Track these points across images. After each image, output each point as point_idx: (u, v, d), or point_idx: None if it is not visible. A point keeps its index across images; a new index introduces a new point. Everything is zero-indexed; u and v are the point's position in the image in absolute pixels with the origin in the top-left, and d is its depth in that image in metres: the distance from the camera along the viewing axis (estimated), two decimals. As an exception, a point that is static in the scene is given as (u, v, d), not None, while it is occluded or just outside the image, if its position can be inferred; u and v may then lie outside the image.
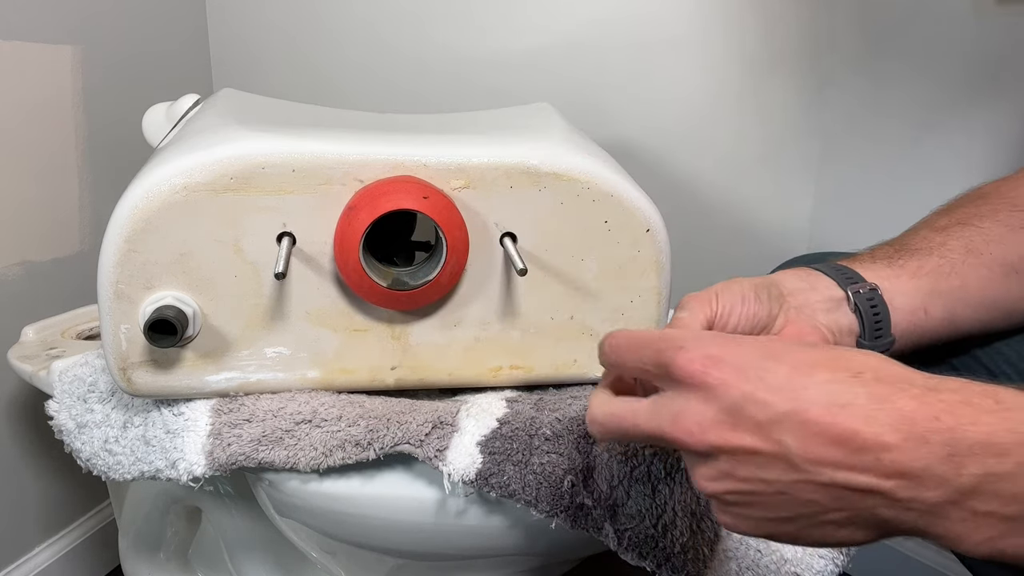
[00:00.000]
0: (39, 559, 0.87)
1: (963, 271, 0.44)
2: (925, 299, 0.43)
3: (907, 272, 0.44)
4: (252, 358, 0.52)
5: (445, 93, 1.04)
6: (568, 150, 0.52)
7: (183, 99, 0.69)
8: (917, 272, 0.44)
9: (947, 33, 0.79)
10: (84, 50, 0.88)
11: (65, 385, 0.57)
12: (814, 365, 0.28)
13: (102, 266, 0.49)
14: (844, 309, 0.42)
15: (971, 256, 0.44)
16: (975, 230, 0.45)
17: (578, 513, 0.48)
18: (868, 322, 0.42)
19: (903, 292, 0.43)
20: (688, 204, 0.99)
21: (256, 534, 0.70)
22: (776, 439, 0.28)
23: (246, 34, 1.10)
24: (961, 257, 0.44)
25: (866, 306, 0.42)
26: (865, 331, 0.42)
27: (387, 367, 0.54)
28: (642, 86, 0.96)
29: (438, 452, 0.49)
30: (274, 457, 0.51)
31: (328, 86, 1.09)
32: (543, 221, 0.52)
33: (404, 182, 0.49)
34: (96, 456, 0.54)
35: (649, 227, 0.52)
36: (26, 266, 0.83)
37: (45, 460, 0.87)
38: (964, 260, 0.44)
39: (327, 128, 0.57)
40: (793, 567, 0.48)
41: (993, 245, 0.44)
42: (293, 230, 0.50)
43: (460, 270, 0.51)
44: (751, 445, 0.28)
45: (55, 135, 0.85)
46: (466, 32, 1.01)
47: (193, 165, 0.48)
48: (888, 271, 0.44)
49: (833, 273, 0.44)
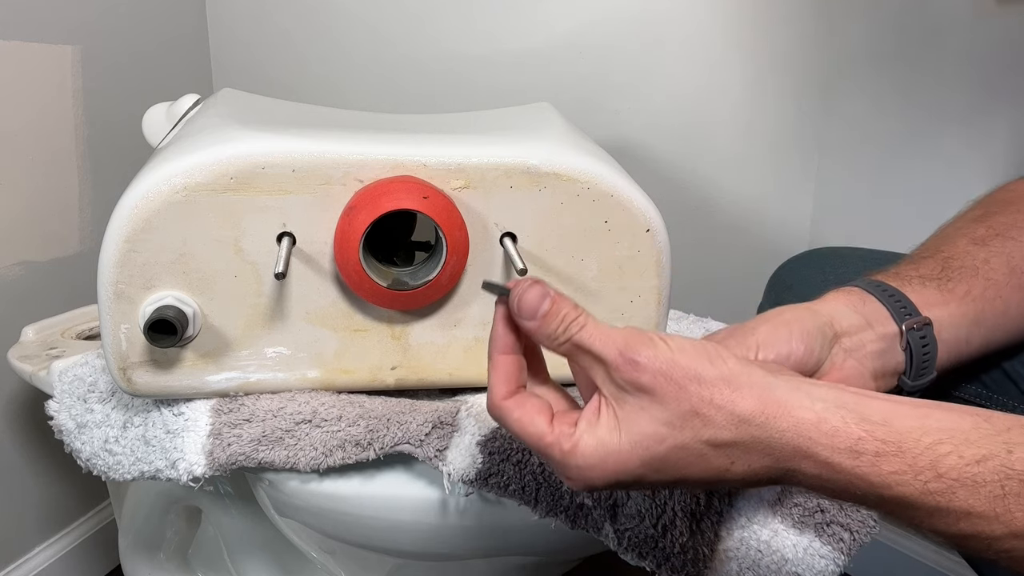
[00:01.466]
0: (39, 559, 0.87)
1: (1007, 294, 0.42)
2: (969, 329, 0.42)
3: (955, 298, 0.42)
4: (252, 358, 0.52)
5: (445, 93, 1.04)
6: (568, 150, 0.52)
7: (183, 99, 0.69)
8: (965, 298, 0.42)
9: (947, 33, 0.79)
10: (84, 50, 0.88)
11: (65, 385, 0.57)
12: (691, 465, 0.31)
13: (102, 266, 0.49)
14: (895, 348, 0.40)
15: (1014, 276, 0.43)
16: (1016, 245, 0.43)
17: (578, 513, 0.48)
18: (917, 363, 0.41)
19: (951, 324, 0.41)
20: (688, 204, 0.99)
21: (256, 534, 0.70)
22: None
23: (246, 34, 1.10)
24: (1005, 278, 0.43)
25: (918, 345, 0.40)
26: (911, 370, 0.41)
27: (387, 367, 0.54)
28: (642, 86, 0.96)
29: (438, 452, 0.49)
30: (274, 457, 0.51)
31: (328, 86, 1.09)
32: (543, 221, 0.52)
33: (404, 182, 0.49)
34: (96, 456, 0.54)
35: (649, 227, 0.52)
36: (26, 266, 0.83)
37: (45, 460, 0.87)
38: (1007, 280, 0.42)
39: (327, 128, 0.57)
40: (794, 567, 0.48)
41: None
42: (293, 230, 0.50)
43: (460, 270, 0.51)
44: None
45: (55, 135, 0.85)
46: (466, 32, 1.01)
47: (193, 165, 0.48)
48: (938, 296, 0.42)
49: (888, 302, 0.41)
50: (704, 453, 0.31)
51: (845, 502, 0.31)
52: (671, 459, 0.31)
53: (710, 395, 0.31)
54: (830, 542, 0.48)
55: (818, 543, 0.48)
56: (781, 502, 0.49)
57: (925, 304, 0.42)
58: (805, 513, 0.48)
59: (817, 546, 0.48)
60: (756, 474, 0.31)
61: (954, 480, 0.28)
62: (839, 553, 0.48)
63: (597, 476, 0.32)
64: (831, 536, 0.48)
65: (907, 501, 0.29)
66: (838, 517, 0.48)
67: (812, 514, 0.48)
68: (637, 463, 0.31)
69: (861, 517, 0.48)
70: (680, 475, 0.31)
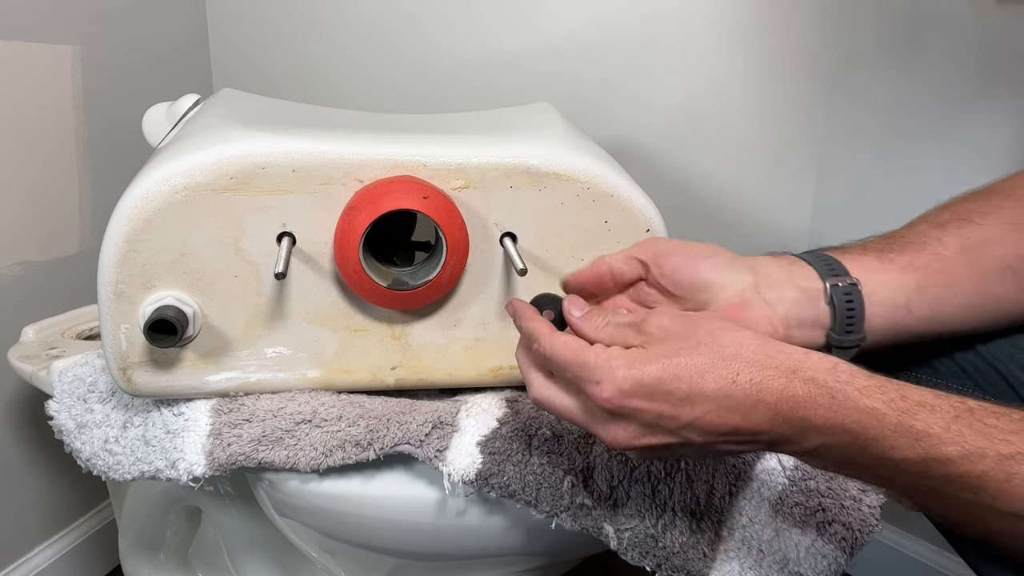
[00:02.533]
0: (39, 559, 0.87)
1: (955, 269, 0.43)
2: (910, 296, 0.43)
3: (896, 267, 0.44)
4: (252, 358, 0.52)
5: (445, 93, 1.04)
6: (568, 150, 0.52)
7: (183, 99, 0.69)
8: (907, 267, 0.43)
9: (947, 33, 0.79)
10: (84, 50, 0.88)
11: (65, 385, 0.57)
12: (704, 375, 0.36)
13: (102, 266, 0.49)
14: (817, 302, 0.43)
15: (966, 254, 0.44)
16: (974, 227, 0.44)
17: (578, 513, 0.48)
18: (840, 317, 0.42)
19: (887, 287, 0.43)
20: (688, 204, 0.99)
21: (256, 534, 0.70)
22: (684, 436, 0.37)
23: (246, 34, 1.10)
24: (955, 254, 0.44)
25: (841, 300, 0.42)
26: (836, 325, 0.42)
27: (387, 367, 0.54)
28: (642, 86, 0.96)
29: (438, 452, 0.49)
30: (274, 457, 0.51)
31: (328, 86, 1.09)
32: (543, 221, 0.52)
33: (404, 182, 0.49)
34: (96, 456, 0.54)
35: (649, 227, 0.52)
36: (26, 266, 0.83)
37: (45, 460, 0.87)
38: (958, 258, 0.43)
39: (327, 128, 0.57)
40: (796, 566, 0.48)
41: (991, 243, 0.44)
42: (293, 230, 0.50)
43: (460, 270, 0.51)
44: (665, 442, 0.38)
45: (55, 135, 0.85)
46: (466, 32, 1.01)
47: (193, 165, 0.48)
48: (876, 264, 0.44)
49: (816, 264, 0.44)
50: (714, 362, 0.36)
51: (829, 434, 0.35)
52: (685, 366, 0.36)
53: (719, 326, 0.38)
54: (832, 540, 0.48)
55: (820, 542, 0.48)
56: (782, 501, 0.49)
57: (860, 270, 0.44)
58: (806, 512, 0.48)
59: (820, 545, 0.48)
60: (759, 388, 0.35)
61: (916, 402, 0.34)
62: (841, 552, 0.48)
63: (622, 377, 0.37)
64: (833, 535, 0.48)
65: (878, 412, 0.34)
66: (839, 516, 0.48)
67: (813, 513, 0.48)
68: (657, 368, 0.36)
69: (863, 516, 0.48)
70: (691, 387, 0.36)
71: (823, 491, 0.49)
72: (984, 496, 0.32)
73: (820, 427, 0.35)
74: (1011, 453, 0.32)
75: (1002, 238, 0.44)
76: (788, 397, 0.35)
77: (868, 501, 0.48)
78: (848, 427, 0.34)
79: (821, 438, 0.35)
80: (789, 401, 0.35)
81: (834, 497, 0.48)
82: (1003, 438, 0.33)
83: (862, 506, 0.48)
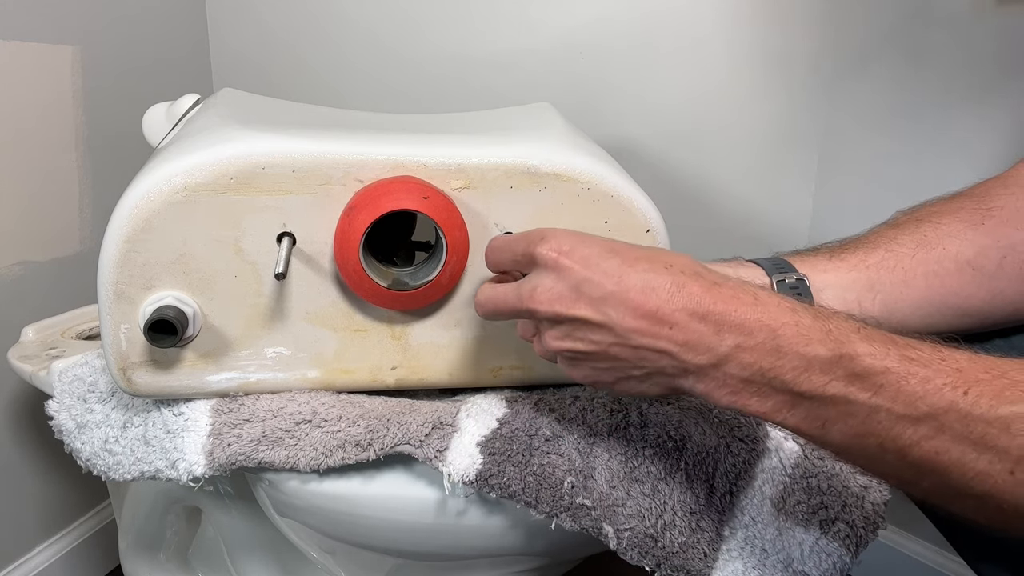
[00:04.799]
0: (39, 559, 0.87)
1: (909, 265, 0.43)
2: (861, 293, 0.43)
3: (847, 265, 0.44)
4: (252, 358, 0.52)
5: (445, 93, 1.04)
6: (568, 150, 0.52)
7: (183, 99, 0.69)
8: (858, 265, 0.44)
9: (947, 33, 0.79)
10: (84, 50, 0.88)
11: (65, 385, 0.57)
12: (638, 259, 0.37)
13: (102, 266, 0.49)
14: None
15: (921, 250, 0.43)
16: (931, 226, 0.44)
17: (578, 513, 0.48)
18: None
19: (837, 285, 0.43)
20: (688, 204, 0.99)
21: (256, 534, 0.70)
22: (603, 311, 0.37)
23: (246, 35, 1.10)
24: (910, 251, 0.44)
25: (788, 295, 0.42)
26: None
27: (387, 367, 0.54)
28: (642, 86, 0.96)
29: (438, 452, 0.49)
30: (274, 457, 0.51)
31: (328, 87, 1.09)
32: (543, 221, 0.51)
33: (404, 182, 0.49)
34: (96, 456, 0.54)
35: (649, 227, 0.52)
36: (26, 266, 0.83)
37: (45, 460, 0.87)
38: (913, 254, 0.43)
39: (327, 128, 0.57)
40: (800, 565, 0.48)
41: (948, 240, 0.43)
42: (293, 230, 0.50)
43: (460, 270, 0.51)
44: (585, 315, 0.38)
45: (55, 135, 0.85)
46: (466, 32, 1.01)
47: (193, 165, 0.48)
48: (826, 263, 0.44)
49: (765, 264, 0.45)
50: (649, 255, 0.38)
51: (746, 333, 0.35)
52: (623, 250, 0.38)
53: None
54: (836, 538, 0.48)
55: (824, 540, 0.48)
56: (784, 500, 0.49)
57: (809, 268, 0.45)
58: (808, 511, 0.48)
59: (824, 543, 0.48)
60: (688, 278, 0.36)
61: (831, 313, 0.35)
62: (845, 550, 0.48)
63: (563, 236, 0.39)
64: (836, 533, 0.48)
65: (798, 310, 0.35)
66: (842, 514, 0.48)
67: (816, 511, 0.48)
68: (598, 245, 0.39)
69: (866, 514, 0.48)
70: (623, 264, 0.37)
71: (824, 489, 0.49)
72: (884, 398, 0.33)
73: (738, 324, 0.35)
74: (913, 356, 0.33)
75: (960, 235, 0.43)
76: (712, 292, 0.36)
77: (871, 499, 0.48)
78: (767, 322, 0.35)
79: (737, 337, 0.35)
80: (712, 294, 0.36)
81: (835, 495, 0.48)
82: (907, 343, 0.34)
83: (865, 504, 0.48)
